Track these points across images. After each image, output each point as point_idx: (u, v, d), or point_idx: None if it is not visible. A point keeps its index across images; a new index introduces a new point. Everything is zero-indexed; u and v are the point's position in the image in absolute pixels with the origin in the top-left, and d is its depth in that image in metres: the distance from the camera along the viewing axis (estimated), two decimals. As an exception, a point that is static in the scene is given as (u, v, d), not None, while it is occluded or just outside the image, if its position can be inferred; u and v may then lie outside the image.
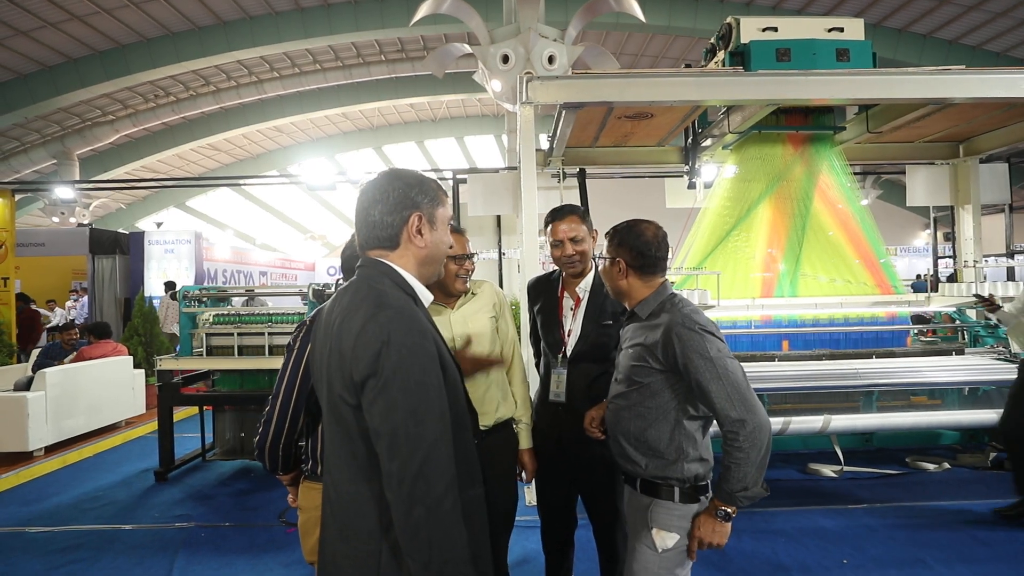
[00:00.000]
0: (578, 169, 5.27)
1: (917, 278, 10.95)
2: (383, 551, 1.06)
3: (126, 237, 10.60)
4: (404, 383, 1.01)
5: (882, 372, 3.83)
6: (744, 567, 2.89)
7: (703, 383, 1.48)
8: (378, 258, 1.17)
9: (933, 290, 5.21)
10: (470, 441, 1.20)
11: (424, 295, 1.19)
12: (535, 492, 2.18)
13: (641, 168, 6.06)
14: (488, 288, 2.03)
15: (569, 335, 2.04)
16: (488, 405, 1.91)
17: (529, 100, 3.58)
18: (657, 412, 1.58)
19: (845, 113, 4.87)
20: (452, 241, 1.28)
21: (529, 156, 3.71)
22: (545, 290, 2.16)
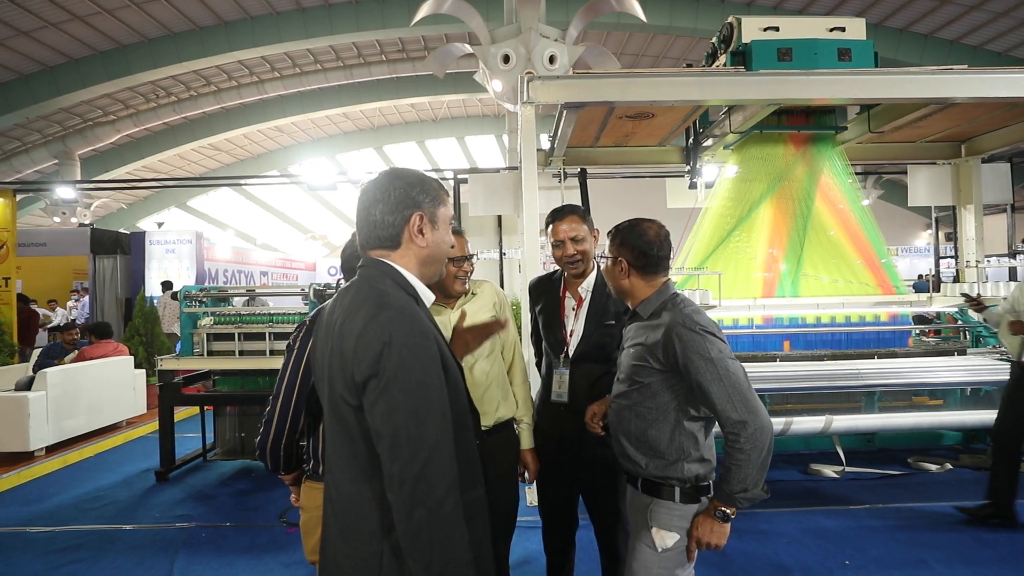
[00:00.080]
0: (579, 169, 5.27)
1: (919, 278, 10.94)
2: (385, 552, 1.05)
3: (127, 237, 10.61)
4: (405, 384, 1.01)
5: (884, 372, 3.83)
6: (745, 568, 2.88)
7: (704, 384, 1.47)
8: (379, 258, 1.16)
9: (935, 290, 5.20)
10: (472, 442, 1.19)
11: (426, 295, 1.19)
12: (536, 492, 2.17)
13: (642, 168, 6.06)
14: (488, 288, 2.02)
15: (571, 335, 2.04)
16: (488, 405, 1.90)
17: (530, 100, 3.57)
18: (658, 412, 1.57)
19: (846, 113, 4.86)
20: (453, 241, 1.28)
21: (530, 156, 3.70)
22: (547, 290, 2.15)
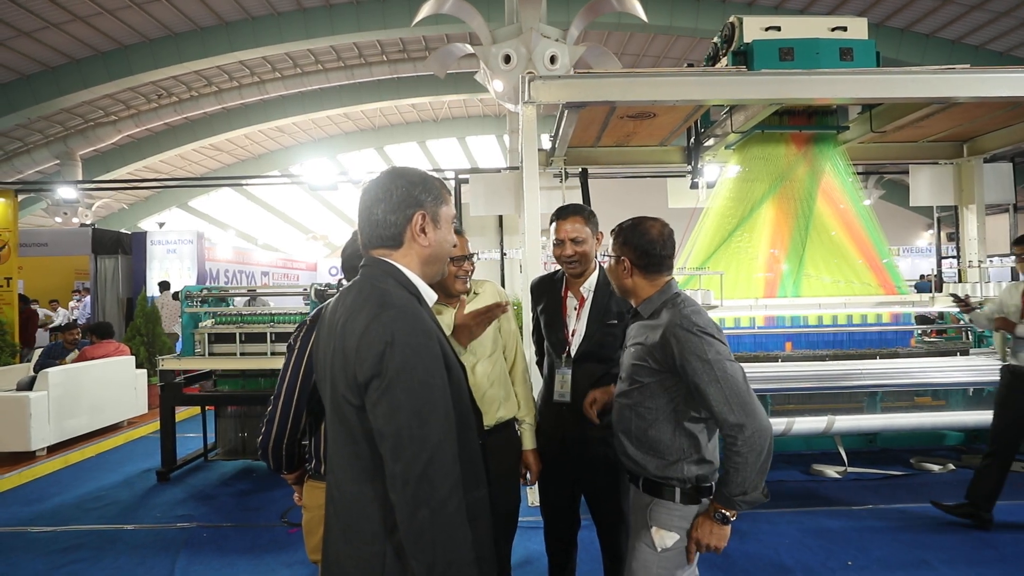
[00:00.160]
0: (580, 169, 5.27)
1: (921, 278, 10.93)
2: (387, 552, 1.05)
3: (128, 237, 10.61)
4: (408, 384, 1.01)
5: (886, 373, 3.83)
6: (747, 568, 2.88)
7: (701, 386, 1.46)
8: (381, 257, 1.15)
9: (937, 290, 5.19)
10: (474, 441, 1.19)
11: (428, 294, 1.18)
12: (538, 492, 2.17)
13: (643, 168, 6.05)
14: (490, 288, 2.02)
15: (573, 335, 2.03)
16: (490, 405, 1.89)
17: (531, 100, 3.57)
18: (658, 412, 1.56)
19: (847, 113, 4.85)
20: (456, 240, 1.27)
21: (531, 156, 3.70)
22: (549, 290, 2.15)
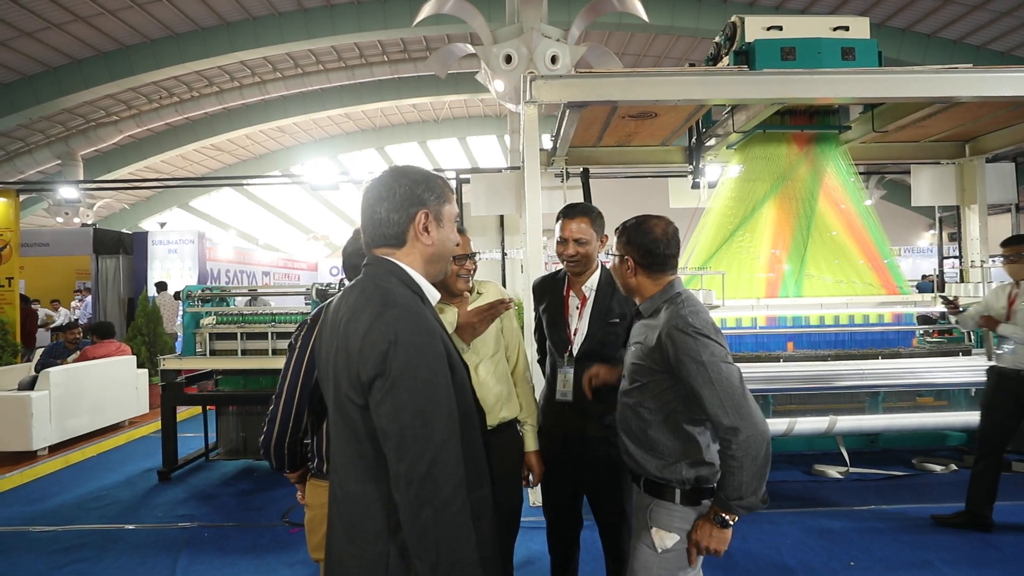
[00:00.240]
0: (582, 169, 5.26)
1: (922, 279, 10.92)
2: (391, 552, 1.04)
3: (130, 237, 10.63)
4: (412, 383, 1.00)
5: (888, 373, 3.81)
6: (749, 569, 2.87)
7: (695, 388, 1.45)
8: (384, 256, 1.15)
9: (939, 290, 5.18)
10: (478, 441, 1.18)
11: (431, 293, 1.18)
12: (540, 492, 2.16)
13: (645, 168, 6.04)
14: (493, 288, 2.02)
15: (575, 334, 2.03)
16: (492, 405, 1.89)
17: (533, 99, 3.56)
18: (657, 412, 1.56)
19: (849, 113, 4.84)
20: (459, 239, 1.27)
21: (533, 156, 3.69)
22: (551, 289, 2.15)
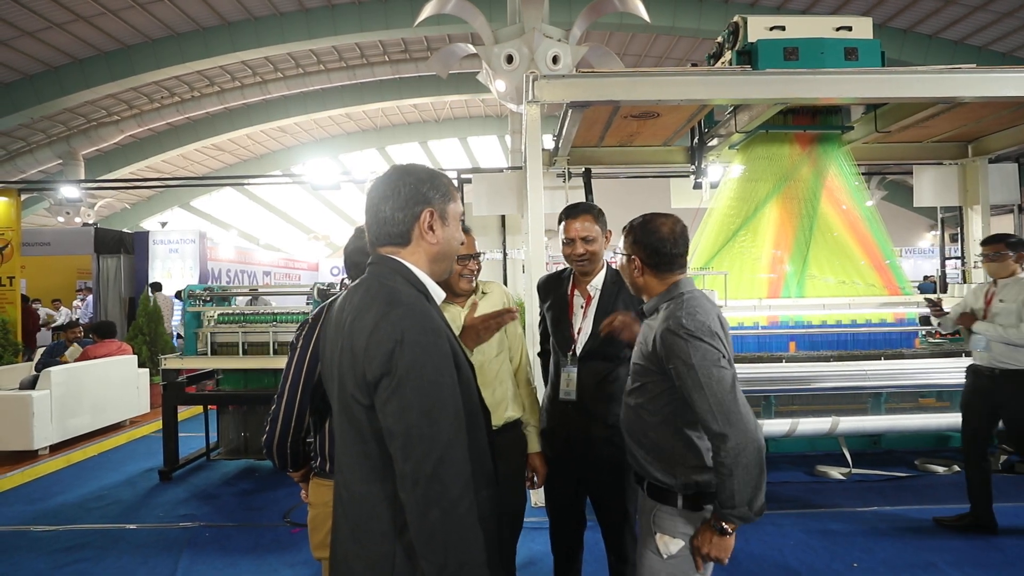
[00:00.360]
0: (584, 169, 5.26)
1: (924, 279, 10.91)
2: (397, 553, 1.04)
3: (131, 237, 10.63)
4: (418, 382, 1.00)
5: (890, 374, 3.81)
6: (752, 570, 2.86)
7: (686, 391, 1.42)
8: (389, 255, 1.14)
9: (942, 291, 5.17)
10: (483, 440, 1.18)
11: (436, 292, 1.17)
12: (543, 492, 2.16)
13: (647, 168, 6.03)
14: (498, 288, 2.02)
15: (579, 333, 2.02)
16: (497, 405, 1.89)
17: (535, 99, 3.55)
18: (657, 415, 1.53)
19: (850, 113, 4.84)
20: (463, 238, 1.26)
21: (535, 155, 3.69)
22: (556, 288, 2.14)
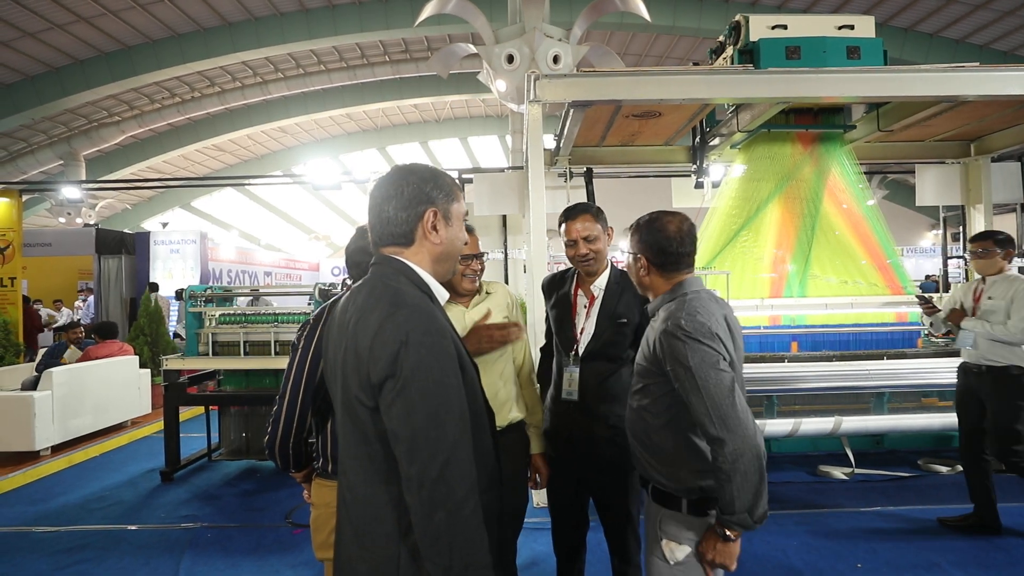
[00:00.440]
0: (585, 168, 5.25)
1: (926, 279, 10.89)
2: (402, 555, 1.03)
3: (132, 237, 10.63)
4: (423, 384, 0.99)
5: (893, 373, 3.80)
6: (755, 570, 2.85)
7: (684, 394, 1.40)
8: (393, 255, 1.14)
9: (945, 291, 5.15)
10: (488, 442, 1.17)
11: (440, 293, 1.17)
12: (545, 493, 2.15)
13: (648, 168, 6.02)
14: (502, 289, 2.02)
15: (582, 333, 2.02)
16: (501, 406, 1.88)
17: (537, 98, 3.54)
18: (659, 417, 1.51)
19: (851, 112, 4.82)
20: (467, 237, 1.25)
21: (537, 155, 3.68)
22: (560, 287, 2.14)
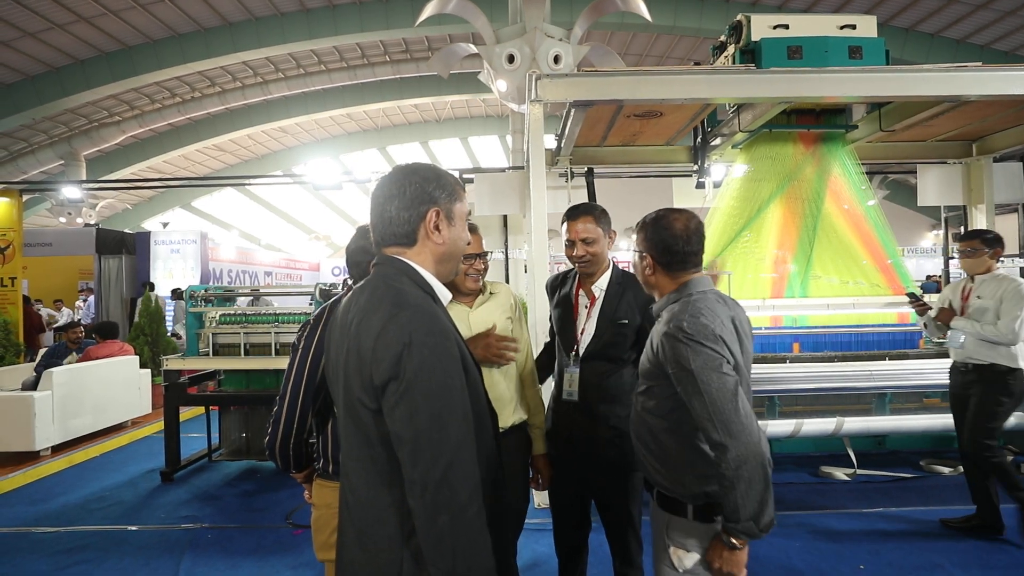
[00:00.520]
0: (586, 168, 5.24)
1: (927, 279, 10.88)
2: (404, 558, 1.02)
3: (132, 237, 10.63)
4: (427, 386, 0.98)
5: (895, 374, 3.79)
6: (758, 572, 2.84)
7: (686, 397, 1.37)
8: (395, 255, 1.13)
9: (946, 291, 5.12)
10: (491, 444, 1.16)
11: (443, 293, 1.16)
12: (547, 493, 2.14)
13: (649, 168, 6.01)
14: (505, 289, 2.02)
15: (582, 333, 2.01)
16: (504, 407, 1.87)
17: (539, 98, 3.53)
18: (663, 419, 1.49)
19: (853, 113, 4.81)
20: (470, 237, 1.24)
21: (538, 155, 3.67)
22: (561, 287, 2.14)
